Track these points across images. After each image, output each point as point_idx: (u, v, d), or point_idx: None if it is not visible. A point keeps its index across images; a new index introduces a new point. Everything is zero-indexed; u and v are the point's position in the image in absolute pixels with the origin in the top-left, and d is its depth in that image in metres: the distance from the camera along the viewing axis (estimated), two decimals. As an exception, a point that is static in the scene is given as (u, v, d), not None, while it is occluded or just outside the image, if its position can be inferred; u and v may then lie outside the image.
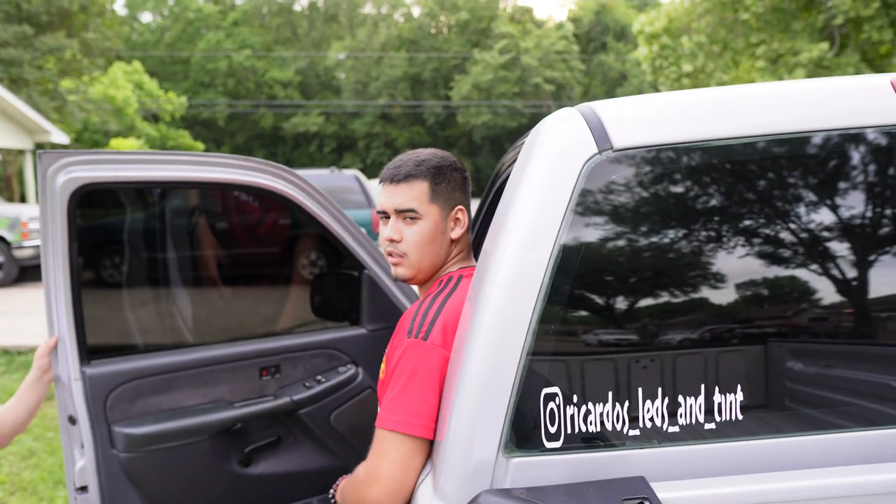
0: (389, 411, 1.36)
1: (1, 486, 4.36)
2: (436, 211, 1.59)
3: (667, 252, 1.21)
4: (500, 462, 1.16)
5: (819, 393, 1.23)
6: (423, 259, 1.59)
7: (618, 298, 1.22)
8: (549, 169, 1.21)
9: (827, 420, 1.21)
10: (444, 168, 1.60)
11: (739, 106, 1.26)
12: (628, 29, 42.61)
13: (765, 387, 1.21)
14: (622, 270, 1.21)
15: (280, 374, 2.57)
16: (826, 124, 1.23)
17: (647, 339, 1.20)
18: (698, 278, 1.21)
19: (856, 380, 1.23)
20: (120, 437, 2.28)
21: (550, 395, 1.16)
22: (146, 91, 31.40)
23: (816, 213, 1.23)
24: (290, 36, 51.60)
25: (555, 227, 1.18)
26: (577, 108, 1.28)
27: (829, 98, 1.27)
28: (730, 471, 1.15)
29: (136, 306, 2.73)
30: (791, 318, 1.23)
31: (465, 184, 1.67)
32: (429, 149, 1.66)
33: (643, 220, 1.21)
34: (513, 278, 1.16)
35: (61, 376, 2.28)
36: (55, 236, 2.08)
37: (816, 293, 1.23)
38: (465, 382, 1.18)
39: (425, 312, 1.44)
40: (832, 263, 1.21)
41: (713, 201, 1.23)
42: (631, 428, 1.17)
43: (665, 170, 1.21)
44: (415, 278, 1.63)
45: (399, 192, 1.58)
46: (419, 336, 1.40)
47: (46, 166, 2.02)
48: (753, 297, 1.22)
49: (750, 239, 1.22)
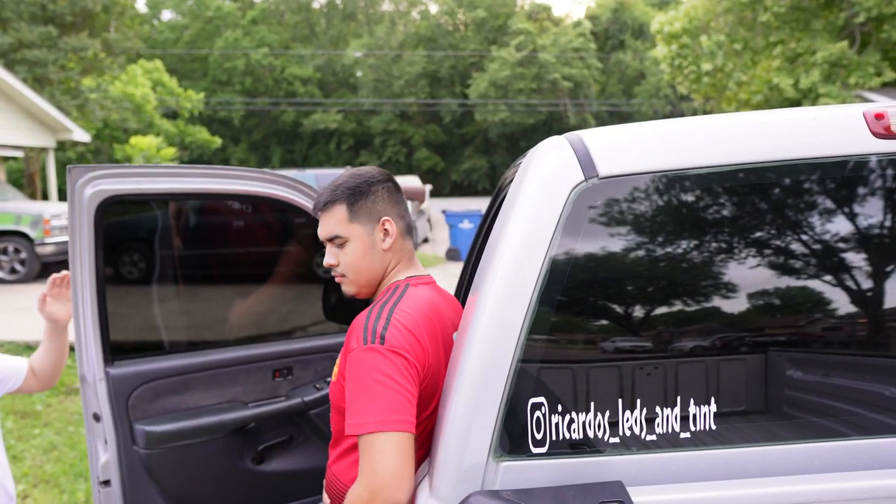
0: (365, 416, 1.37)
1: (24, 478, 4.50)
2: (359, 229, 1.65)
3: (647, 270, 1.30)
4: (490, 465, 1.26)
5: (792, 402, 1.31)
6: (360, 276, 1.67)
7: (601, 314, 1.31)
8: (539, 193, 1.30)
9: (798, 430, 1.29)
10: (360, 186, 1.65)
11: (719, 136, 1.34)
12: (646, 27, 42.37)
13: (737, 398, 1.30)
14: (606, 288, 1.30)
15: (292, 375, 2.69)
16: (802, 153, 1.32)
17: (626, 352, 1.30)
18: (675, 295, 1.30)
19: (826, 392, 1.32)
20: (141, 435, 2.40)
21: (537, 405, 1.26)
22: (167, 89, 31.80)
23: (791, 238, 1.31)
24: (308, 34, 51.88)
25: (544, 247, 1.27)
26: (566, 136, 1.37)
27: (805, 128, 1.35)
28: (701, 477, 1.24)
29: (153, 307, 2.85)
30: (761, 333, 1.32)
31: (390, 193, 1.70)
32: (349, 170, 1.72)
33: (626, 241, 1.30)
34: (505, 292, 1.26)
35: (87, 376, 2.41)
36: (82, 244, 2.20)
37: (785, 311, 1.31)
38: (460, 390, 1.28)
39: (376, 320, 1.48)
40: (806, 282, 1.30)
41: (691, 225, 1.32)
42: (611, 436, 1.26)
43: (647, 196, 1.30)
44: (360, 293, 1.71)
45: (324, 222, 1.66)
46: (375, 342, 1.43)
47: (75, 179, 2.15)
48: (726, 314, 1.31)
49: (724, 259, 1.31)
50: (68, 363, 7.10)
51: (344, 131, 47.03)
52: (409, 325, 1.48)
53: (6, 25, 18.55)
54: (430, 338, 1.52)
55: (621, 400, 1.26)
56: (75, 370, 6.89)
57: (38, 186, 18.43)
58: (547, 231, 1.27)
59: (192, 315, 2.85)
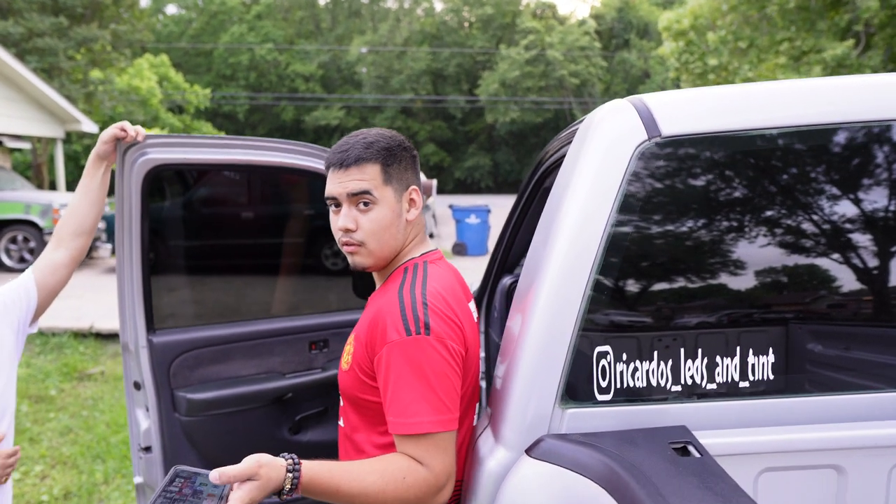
0: (419, 414, 1.33)
1: (42, 459, 4.56)
2: (390, 194, 1.50)
3: (708, 229, 1.35)
4: (556, 412, 1.31)
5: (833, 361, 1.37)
6: (383, 246, 1.51)
7: (665, 265, 1.36)
8: (603, 154, 1.35)
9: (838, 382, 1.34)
10: (395, 148, 1.52)
11: (781, 98, 1.39)
12: (652, 26, 42.42)
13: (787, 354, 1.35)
14: (670, 244, 1.35)
15: (328, 348, 2.73)
16: (869, 116, 1.36)
17: (689, 307, 1.34)
18: (736, 255, 1.35)
19: (863, 359, 1.37)
20: (182, 402, 2.45)
21: (603, 353, 1.31)
22: (173, 83, 31.85)
23: (850, 200, 1.36)
24: (313, 30, 51.90)
25: (608, 205, 1.32)
26: (628, 99, 1.42)
27: (871, 93, 1.39)
28: (757, 423, 1.29)
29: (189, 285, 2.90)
30: (815, 298, 1.37)
31: (416, 163, 1.59)
32: (374, 129, 1.57)
33: (688, 200, 1.35)
34: (571, 248, 1.30)
35: (129, 344, 2.46)
36: (130, 213, 2.25)
37: (837, 278, 1.36)
38: (528, 342, 1.32)
39: (413, 306, 1.38)
40: (867, 234, 1.35)
41: (752, 185, 1.36)
42: (673, 384, 1.31)
43: (709, 156, 1.35)
44: (374, 266, 1.55)
45: (350, 176, 1.47)
46: (420, 331, 1.35)
47: (125, 148, 2.19)
48: (778, 279, 1.35)
49: (784, 222, 1.35)
50: (80, 349, 7.18)
51: (347, 127, 47.02)
52: (445, 310, 1.41)
53: (18, 16, 18.63)
54: (463, 317, 1.48)
55: (683, 350, 1.31)
56: (88, 357, 6.99)
57: (45, 177, 18.48)
58: (613, 187, 1.32)
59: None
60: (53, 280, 1.97)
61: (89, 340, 7.48)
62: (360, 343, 1.49)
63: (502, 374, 1.44)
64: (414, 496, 1.35)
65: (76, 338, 7.51)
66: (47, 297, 1.95)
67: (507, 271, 2.77)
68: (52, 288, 1.96)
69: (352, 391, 1.53)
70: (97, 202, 2.05)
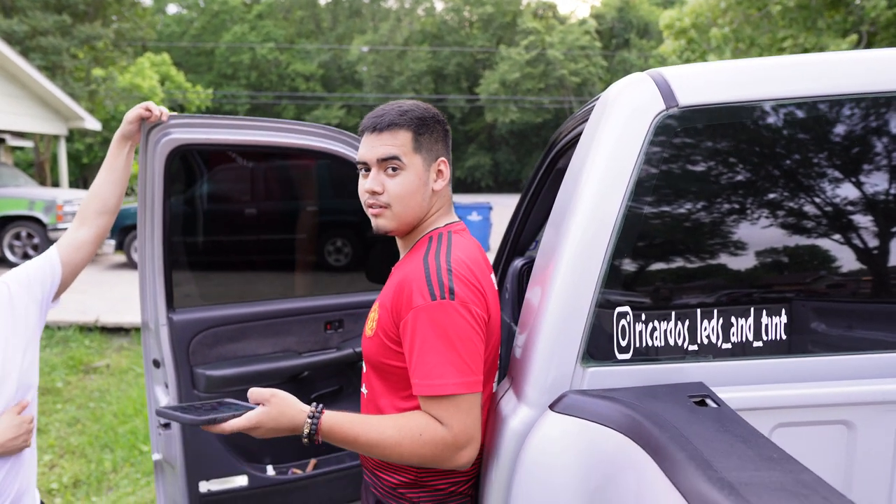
0: (444, 376, 1.37)
1: (50, 449, 4.59)
2: (419, 161, 1.54)
3: (725, 195, 1.41)
4: (577, 371, 1.36)
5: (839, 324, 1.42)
6: (407, 211, 1.55)
7: (683, 229, 1.41)
8: (623, 123, 1.40)
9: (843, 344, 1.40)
10: (428, 119, 1.56)
11: (793, 70, 1.44)
12: (652, 26, 42.47)
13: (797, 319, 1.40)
14: (687, 207, 1.41)
15: (343, 328, 2.79)
16: (876, 88, 1.41)
17: (707, 270, 1.40)
18: (749, 220, 1.40)
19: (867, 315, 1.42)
20: (201, 379, 2.50)
21: (622, 314, 1.36)
22: (175, 83, 31.92)
23: (861, 168, 1.41)
24: (314, 29, 51.97)
25: (628, 172, 1.37)
26: (647, 72, 1.47)
27: (879, 65, 1.45)
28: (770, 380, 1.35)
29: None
30: (830, 265, 1.42)
31: (447, 137, 1.63)
32: (410, 100, 1.62)
33: (706, 166, 1.40)
34: (594, 209, 1.36)
35: (149, 322, 2.51)
36: (153, 193, 2.30)
37: (851, 236, 1.41)
38: (551, 303, 1.38)
39: (438, 271, 1.42)
40: (875, 198, 1.40)
41: (766, 154, 1.42)
42: (690, 343, 1.37)
43: (726, 124, 1.40)
44: (397, 230, 1.58)
45: (382, 141, 1.53)
46: (445, 296, 1.39)
47: (149, 128, 2.24)
48: (790, 245, 1.41)
49: (798, 190, 1.41)
50: (86, 343, 7.22)
51: (347, 126, 47.08)
52: (469, 277, 1.45)
53: (22, 14, 18.68)
54: (485, 284, 1.53)
55: (700, 309, 1.36)
56: (94, 350, 7.04)
57: (48, 175, 18.52)
58: (631, 156, 1.37)
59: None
60: (78, 257, 2.00)
61: (94, 334, 7.53)
62: (385, 309, 1.53)
63: (522, 342, 1.49)
64: (430, 453, 1.40)
65: (82, 332, 7.56)
66: (71, 272, 1.99)
67: (518, 254, 2.81)
68: (76, 264, 2.00)
69: (376, 357, 1.57)
70: (121, 181, 2.08)
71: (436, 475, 1.54)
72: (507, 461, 1.39)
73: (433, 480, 1.54)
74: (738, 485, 0.89)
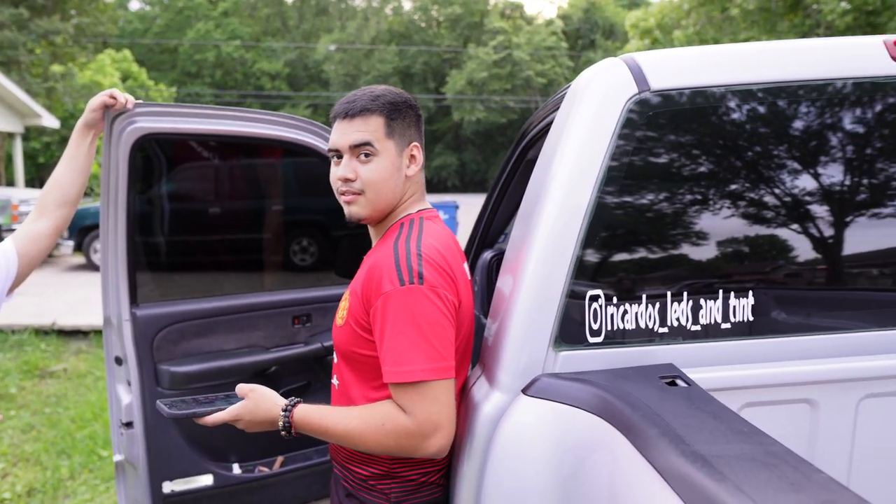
0: (413, 362, 1.35)
1: (3, 457, 4.42)
2: (392, 147, 1.52)
3: (695, 177, 1.42)
4: (550, 355, 1.36)
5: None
6: (380, 197, 1.53)
7: (651, 215, 1.42)
8: (596, 106, 1.41)
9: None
10: (400, 104, 1.55)
11: (757, 57, 1.47)
12: (617, 27, 43.03)
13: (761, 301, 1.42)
14: (659, 189, 1.42)
15: (311, 323, 2.75)
16: (832, 74, 1.45)
17: (679, 248, 1.41)
18: (721, 203, 1.42)
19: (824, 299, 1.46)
20: (165, 375, 2.44)
21: (594, 297, 1.36)
22: (137, 80, 31.30)
23: (821, 147, 1.44)
24: (280, 27, 51.48)
25: (601, 153, 1.37)
26: (620, 57, 1.48)
27: (836, 53, 1.48)
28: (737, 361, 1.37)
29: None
30: (793, 247, 1.45)
31: (420, 122, 1.62)
32: (382, 86, 1.60)
33: (677, 148, 1.42)
34: (567, 192, 1.36)
35: (111, 318, 2.44)
36: (118, 183, 2.23)
37: (810, 215, 1.44)
38: (523, 288, 1.37)
39: (408, 257, 1.41)
40: (832, 179, 1.43)
41: (737, 138, 1.44)
42: (660, 325, 1.38)
43: (697, 108, 1.42)
44: (370, 217, 1.56)
45: (354, 127, 1.50)
46: (414, 281, 1.38)
47: (113, 116, 2.17)
48: (753, 226, 1.43)
49: (765, 172, 1.43)
50: (42, 347, 7.02)
51: (315, 126, 46.75)
52: (440, 262, 1.44)
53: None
54: (457, 271, 1.52)
55: (670, 292, 1.38)
56: (50, 354, 6.85)
57: (2, 174, 18.00)
58: (604, 138, 1.38)
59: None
60: (35, 249, 1.94)
61: (51, 338, 7.32)
62: (356, 296, 1.51)
63: (494, 329, 1.48)
64: (394, 443, 1.39)
65: (38, 335, 7.34)
66: (27, 265, 1.93)
67: (487, 246, 2.82)
68: (33, 257, 1.94)
69: (347, 346, 1.55)
70: (82, 171, 2.02)
71: (407, 466, 1.52)
72: (479, 448, 1.38)
73: (404, 471, 1.53)
74: (710, 457, 0.89)
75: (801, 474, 0.87)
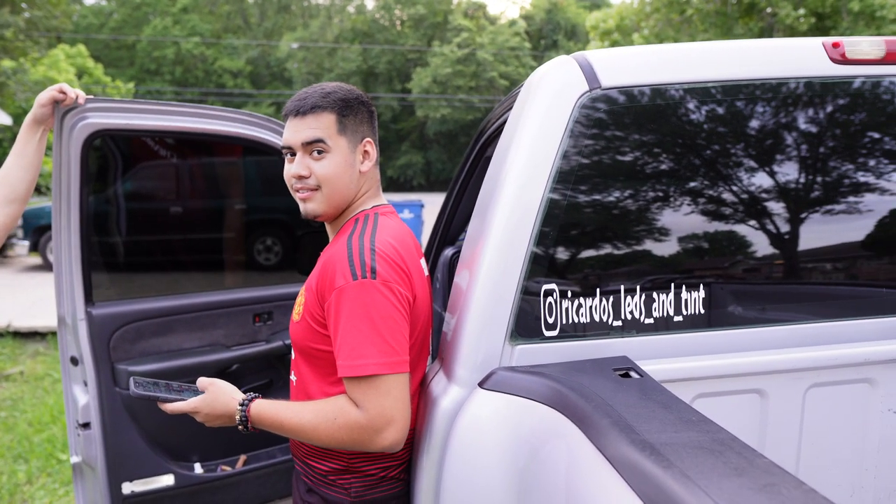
0: (365, 356, 1.36)
1: (-45, 463, 4.33)
2: (344, 143, 1.54)
3: (646, 175, 1.46)
4: (506, 349, 1.38)
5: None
6: (335, 193, 1.54)
7: (604, 211, 1.45)
8: (547, 104, 1.43)
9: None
10: (351, 101, 1.56)
11: (704, 56, 1.51)
12: (579, 28, 43.52)
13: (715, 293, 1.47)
14: (611, 185, 1.45)
15: (272, 320, 2.73)
16: (774, 74, 1.50)
17: (631, 243, 1.44)
18: (672, 200, 1.46)
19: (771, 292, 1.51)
20: (123, 375, 2.40)
21: (549, 291, 1.39)
22: (93, 77, 30.55)
23: (768, 142, 1.49)
24: (241, 25, 50.77)
25: (553, 149, 1.40)
26: (571, 55, 1.51)
27: (778, 54, 1.53)
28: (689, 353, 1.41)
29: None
30: (749, 232, 1.49)
31: (372, 118, 1.63)
32: (334, 82, 1.62)
33: (627, 146, 1.45)
34: (520, 189, 1.38)
35: (66, 318, 2.39)
36: (69, 181, 2.19)
37: (762, 210, 1.49)
38: (479, 283, 1.39)
39: (361, 252, 1.42)
40: (779, 175, 1.48)
41: (687, 136, 1.48)
42: (614, 319, 1.41)
43: (646, 106, 1.45)
44: (325, 214, 1.57)
45: (306, 125, 1.51)
46: (367, 276, 1.38)
47: (63, 112, 2.13)
48: (700, 221, 1.47)
49: (721, 168, 1.47)
50: (-1, 350, 6.81)
51: (277, 124, 46.26)
52: (394, 257, 1.44)
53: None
54: (412, 266, 1.51)
55: (624, 286, 1.41)
56: (6, 357, 6.66)
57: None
58: (556, 135, 1.40)
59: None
60: None
61: (6, 340, 7.12)
62: (311, 292, 1.52)
63: (452, 324, 1.50)
64: (347, 437, 1.40)
65: (-9, 338, 7.15)
66: None
67: (448, 243, 2.83)
68: None
69: (303, 342, 1.56)
70: (32, 167, 1.98)
71: (366, 460, 1.53)
72: (438, 442, 1.39)
73: (364, 466, 1.53)
74: (658, 445, 0.92)
75: (744, 460, 0.90)
